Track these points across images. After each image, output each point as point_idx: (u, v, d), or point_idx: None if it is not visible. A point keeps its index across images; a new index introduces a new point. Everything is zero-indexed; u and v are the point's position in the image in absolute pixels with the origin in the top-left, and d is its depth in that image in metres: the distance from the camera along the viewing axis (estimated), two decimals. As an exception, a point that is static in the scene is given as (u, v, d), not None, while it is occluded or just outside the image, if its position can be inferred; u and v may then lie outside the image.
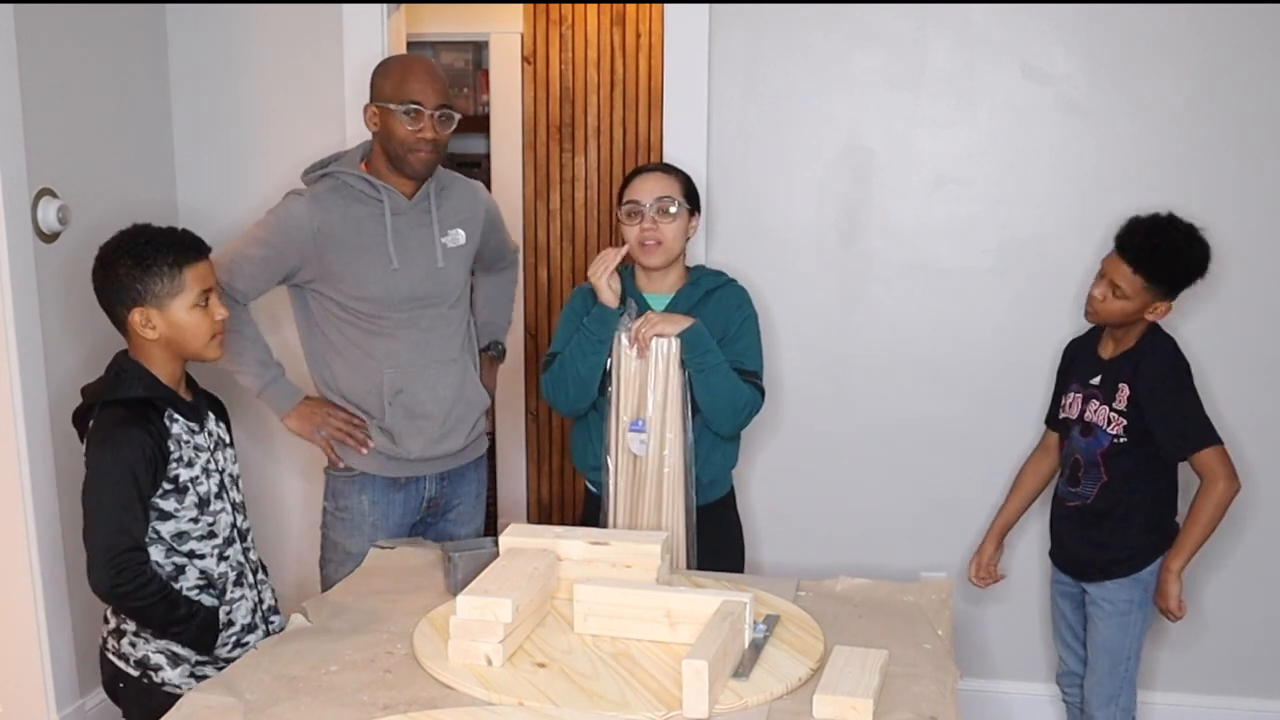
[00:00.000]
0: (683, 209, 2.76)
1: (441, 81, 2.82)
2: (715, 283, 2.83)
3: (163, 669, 2.42)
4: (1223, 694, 3.42)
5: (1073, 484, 2.93)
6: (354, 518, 2.93)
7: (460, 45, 5.05)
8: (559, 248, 4.88)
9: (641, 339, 2.69)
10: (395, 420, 2.87)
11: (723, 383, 2.69)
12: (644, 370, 2.71)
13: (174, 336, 2.39)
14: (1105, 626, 2.90)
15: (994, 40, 3.26)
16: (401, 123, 2.75)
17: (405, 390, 2.87)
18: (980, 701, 3.44)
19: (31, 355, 3.04)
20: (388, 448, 2.89)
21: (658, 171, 2.82)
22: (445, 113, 2.78)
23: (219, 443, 2.54)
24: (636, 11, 4.65)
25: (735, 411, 2.72)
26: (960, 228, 3.35)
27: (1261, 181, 3.19)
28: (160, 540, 2.39)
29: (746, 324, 2.80)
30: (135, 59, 3.50)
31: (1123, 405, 2.79)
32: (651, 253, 2.74)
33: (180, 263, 2.39)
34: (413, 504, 2.96)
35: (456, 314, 2.95)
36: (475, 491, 3.09)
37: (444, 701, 1.95)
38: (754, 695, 1.94)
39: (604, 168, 4.79)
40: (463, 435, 2.96)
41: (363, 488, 2.92)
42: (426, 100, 2.75)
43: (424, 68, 2.82)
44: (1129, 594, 2.87)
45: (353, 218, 2.82)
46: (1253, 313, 3.24)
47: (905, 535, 3.51)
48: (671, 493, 2.72)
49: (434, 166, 2.84)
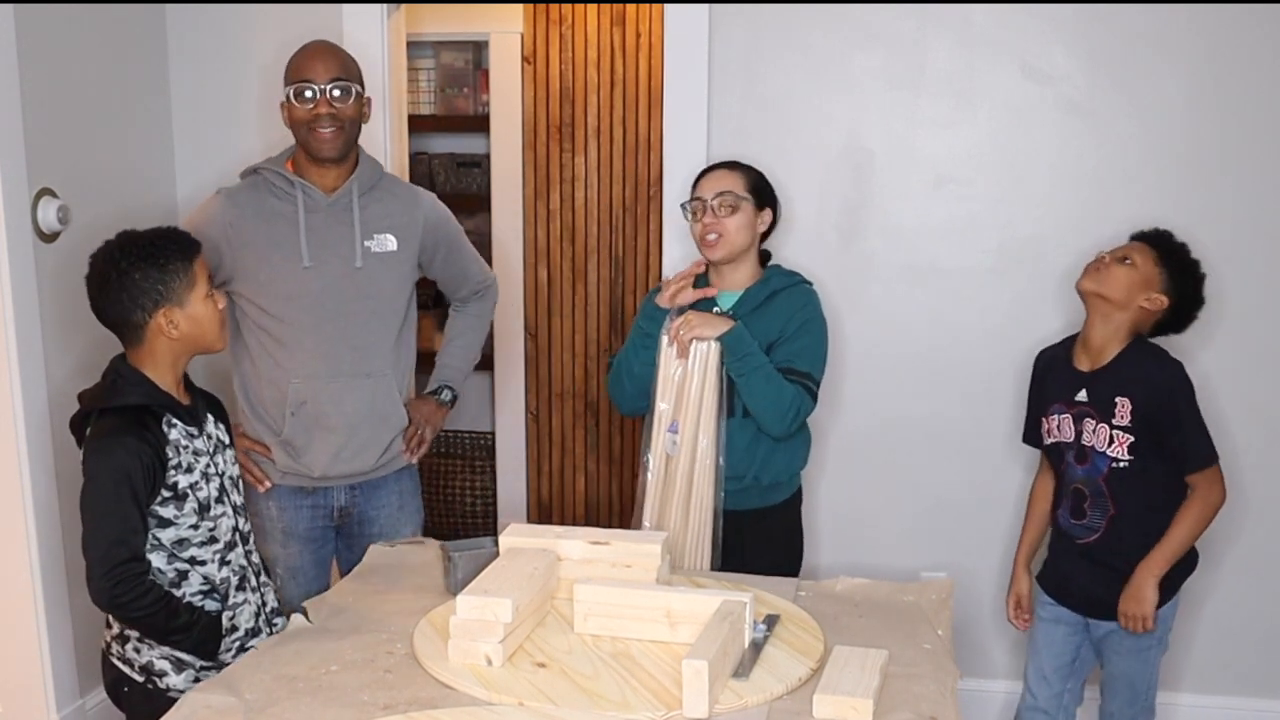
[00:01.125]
0: (747, 203, 2.78)
1: (336, 57, 2.77)
2: (784, 283, 2.83)
3: (167, 674, 2.41)
4: (1222, 694, 3.42)
5: (1077, 516, 2.76)
6: (264, 523, 2.91)
7: (460, 45, 5.04)
8: (558, 248, 4.88)
9: (680, 340, 2.70)
10: (296, 433, 2.82)
11: (764, 385, 2.68)
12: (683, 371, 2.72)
13: (193, 332, 2.39)
14: (1122, 661, 2.79)
15: (994, 40, 3.26)
16: (296, 105, 2.72)
17: (309, 402, 2.80)
18: (980, 702, 3.44)
19: (31, 355, 3.04)
20: (288, 465, 2.85)
21: (723, 168, 2.85)
22: (340, 84, 2.73)
23: (218, 445, 2.52)
24: (636, 11, 4.65)
25: (780, 413, 2.70)
26: (960, 228, 3.35)
27: (1262, 182, 3.19)
28: (161, 547, 2.38)
29: (806, 326, 2.78)
30: (135, 59, 3.50)
31: (1125, 420, 2.65)
32: (713, 246, 2.78)
33: (189, 256, 2.40)
34: (321, 512, 2.93)
35: (379, 326, 2.85)
36: (397, 503, 3.00)
37: (444, 701, 1.95)
38: (754, 695, 1.94)
39: (604, 168, 4.79)
40: (373, 456, 2.89)
41: (269, 495, 2.90)
42: (316, 75, 2.71)
43: (316, 46, 2.79)
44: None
45: (266, 214, 2.78)
46: (1252, 312, 3.24)
47: (905, 535, 3.51)
48: (700, 494, 2.72)
49: (341, 146, 2.76)
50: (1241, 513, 3.30)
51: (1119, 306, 2.67)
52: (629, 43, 4.68)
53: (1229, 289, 3.21)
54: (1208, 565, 3.29)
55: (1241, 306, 3.23)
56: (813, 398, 2.76)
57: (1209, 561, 3.29)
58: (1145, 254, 2.67)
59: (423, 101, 5.15)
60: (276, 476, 2.88)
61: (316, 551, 2.97)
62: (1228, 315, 3.22)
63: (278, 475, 2.88)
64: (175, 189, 3.68)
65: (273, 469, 2.88)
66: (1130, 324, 2.68)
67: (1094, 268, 2.70)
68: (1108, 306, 2.68)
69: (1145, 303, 2.66)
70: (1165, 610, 2.72)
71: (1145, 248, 2.69)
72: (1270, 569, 3.35)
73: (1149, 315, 2.68)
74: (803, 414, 2.74)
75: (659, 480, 2.76)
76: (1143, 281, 2.65)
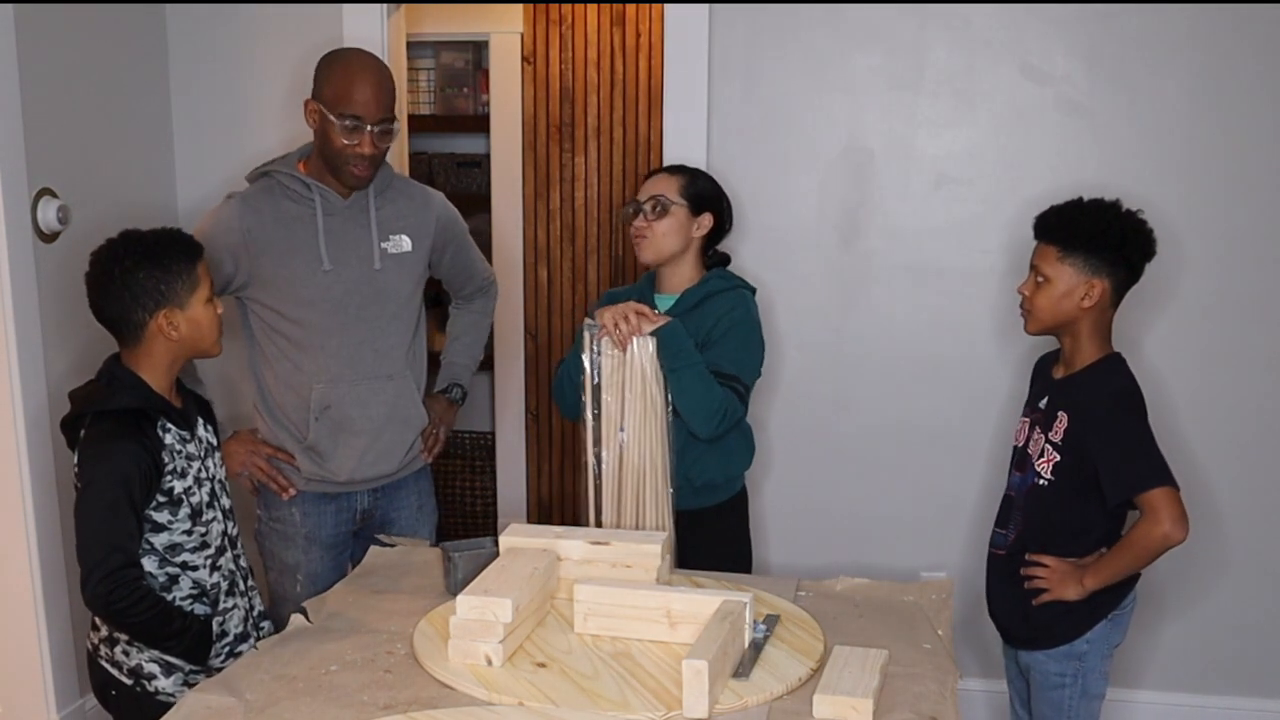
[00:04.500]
0: (679, 208, 2.77)
1: (386, 92, 2.68)
2: (719, 286, 2.82)
3: (156, 677, 2.40)
4: (1218, 694, 3.42)
5: (1000, 524, 2.63)
6: (287, 529, 2.89)
7: (460, 45, 5.05)
8: (559, 248, 4.88)
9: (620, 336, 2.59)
10: (320, 439, 2.80)
11: (694, 383, 2.64)
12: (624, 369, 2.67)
13: (192, 335, 2.38)
14: (1039, 701, 2.58)
15: (994, 40, 3.26)
16: (339, 134, 2.64)
17: (334, 406, 2.79)
18: (980, 702, 3.44)
19: (31, 355, 3.04)
20: (312, 471, 2.83)
21: (663, 173, 2.87)
22: (385, 127, 2.67)
23: (208, 449, 2.51)
24: (636, 11, 4.65)
25: (708, 414, 2.66)
26: (960, 228, 3.35)
27: (1261, 182, 3.19)
28: (153, 551, 2.37)
29: (734, 329, 2.74)
30: (135, 59, 3.50)
31: (1058, 437, 2.47)
32: (640, 249, 2.81)
33: (193, 258, 2.39)
34: (345, 516, 2.91)
35: (398, 327, 2.84)
36: (416, 504, 3.00)
37: (444, 701, 1.95)
38: (754, 695, 1.94)
39: (604, 168, 4.79)
40: (397, 458, 2.89)
41: (294, 500, 2.87)
42: (368, 114, 2.64)
43: (370, 77, 2.67)
44: (1060, 668, 2.52)
45: (284, 218, 2.74)
46: (1250, 312, 3.24)
47: (905, 535, 3.51)
48: (654, 492, 2.70)
49: (369, 180, 2.74)
50: (1239, 514, 3.31)
51: (1068, 322, 2.48)
52: (629, 43, 4.68)
53: (1228, 290, 3.22)
54: (1206, 566, 3.31)
55: (1242, 308, 3.23)
56: (741, 401, 2.73)
57: (1207, 562, 3.31)
58: (1048, 257, 2.46)
59: (423, 101, 5.16)
60: (301, 483, 2.86)
61: (337, 557, 2.95)
62: (1227, 317, 3.22)
63: (302, 482, 2.86)
64: (175, 189, 3.68)
65: (297, 476, 2.85)
66: (1092, 325, 2.48)
67: (1024, 314, 2.54)
68: (1059, 328, 2.51)
69: (1085, 302, 2.44)
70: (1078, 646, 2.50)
71: (1047, 250, 2.47)
72: (1267, 568, 3.35)
73: (1100, 305, 2.46)
74: (731, 417, 2.70)
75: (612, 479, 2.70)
76: (1065, 289, 2.45)
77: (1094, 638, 2.51)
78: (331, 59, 2.73)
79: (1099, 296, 2.45)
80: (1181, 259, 3.19)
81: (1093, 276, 2.44)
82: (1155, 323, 3.23)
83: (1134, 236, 2.46)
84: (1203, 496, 3.30)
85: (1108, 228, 2.45)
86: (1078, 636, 2.50)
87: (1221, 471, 3.30)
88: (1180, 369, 3.24)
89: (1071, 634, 2.51)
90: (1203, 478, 3.28)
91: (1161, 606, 3.34)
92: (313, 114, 2.70)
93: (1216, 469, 3.30)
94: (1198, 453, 3.28)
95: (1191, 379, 3.27)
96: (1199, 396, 3.28)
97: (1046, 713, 2.57)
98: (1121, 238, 2.45)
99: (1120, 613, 2.54)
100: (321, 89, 2.69)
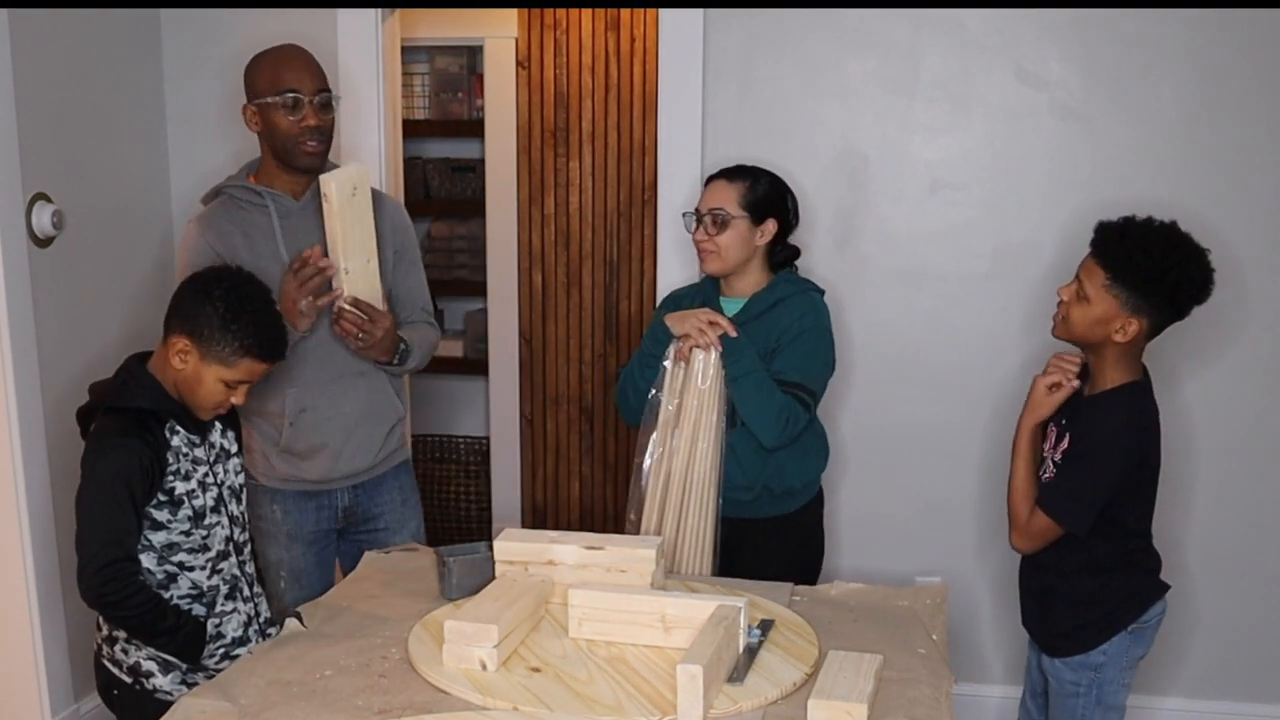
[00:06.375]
0: (740, 220, 2.77)
1: (316, 66, 2.78)
2: (788, 291, 2.82)
3: (154, 676, 2.42)
4: (1218, 699, 3.42)
5: None
6: (269, 527, 2.91)
7: (455, 50, 5.04)
8: (553, 252, 4.87)
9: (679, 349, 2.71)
10: (295, 440, 2.83)
11: (754, 393, 2.68)
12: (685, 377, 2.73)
13: (190, 381, 2.39)
14: (1055, 707, 2.57)
15: (988, 45, 3.26)
16: (282, 115, 2.70)
17: (309, 409, 2.81)
18: (975, 707, 3.43)
19: (26, 360, 3.03)
20: (289, 472, 2.86)
21: (722, 179, 2.83)
22: (324, 96, 2.74)
23: (221, 454, 2.53)
24: (631, 16, 4.65)
25: (769, 422, 2.69)
26: (955, 233, 3.36)
27: (1257, 186, 3.20)
28: (151, 548, 2.40)
29: (802, 336, 2.76)
30: (130, 63, 3.50)
31: (1058, 456, 2.50)
32: (706, 261, 2.80)
33: (247, 354, 2.38)
34: (326, 514, 2.93)
35: None
36: (399, 498, 3.01)
37: (438, 706, 1.95)
38: (748, 700, 1.94)
39: (599, 172, 4.79)
40: (372, 453, 2.91)
41: (273, 498, 2.89)
42: (304, 86, 2.71)
43: (296, 54, 2.78)
44: (1074, 676, 2.51)
45: (242, 227, 2.78)
46: (1251, 316, 3.24)
47: (900, 540, 3.51)
48: (699, 502, 2.72)
49: (324, 157, 2.78)
50: (1236, 513, 3.31)
51: (1097, 345, 2.44)
52: (624, 47, 4.68)
53: (1223, 295, 3.21)
54: (1205, 566, 3.32)
55: (1240, 309, 3.23)
56: (806, 408, 2.74)
57: (1207, 562, 3.31)
58: (1095, 278, 2.38)
59: (417, 106, 5.15)
60: (277, 483, 2.88)
61: (320, 554, 2.97)
62: (1226, 318, 3.23)
63: (278, 482, 2.88)
64: (170, 194, 3.67)
65: (273, 476, 2.88)
66: (1120, 353, 2.42)
67: (1056, 318, 2.50)
68: (1086, 346, 2.48)
69: (1118, 336, 2.38)
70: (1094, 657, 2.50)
71: (1095, 270, 2.39)
72: (1267, 572, 3.35)
73: (1133, 341, 2.40)
74: (794, 424, 2.71)
75: (658, 484, 2.75)
76: (1102, 316, 2.38)
77: (1112, 650, 2.49)
78: (257, 57, 2.81)
79: (1134, 334, 2.38)
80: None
81: (1133, 315, 2.36)
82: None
83: (1188, 285, 2.36)
84: (1229, 500, 3.30)
85: (1164, 272, 2.34)
86: (1094, 647, 2.49)
87: (1234, 477, 3.31)
88: (1179, 371, 3.25)
89: (1088, 644, 2.50)
90: (1218, 484, 3.30)
91: (1187, 614, 3.33)
92: (253, 116, 2.77)
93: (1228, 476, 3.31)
94: (1209, 460, 3.30)
95: (1192, 384, 3.27)
96: (1199, 399, 3.28)
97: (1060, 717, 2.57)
98: (1175, 286, 2.35)
99: (1143, 626, 2.51)
100: (254, 84, 2.76)
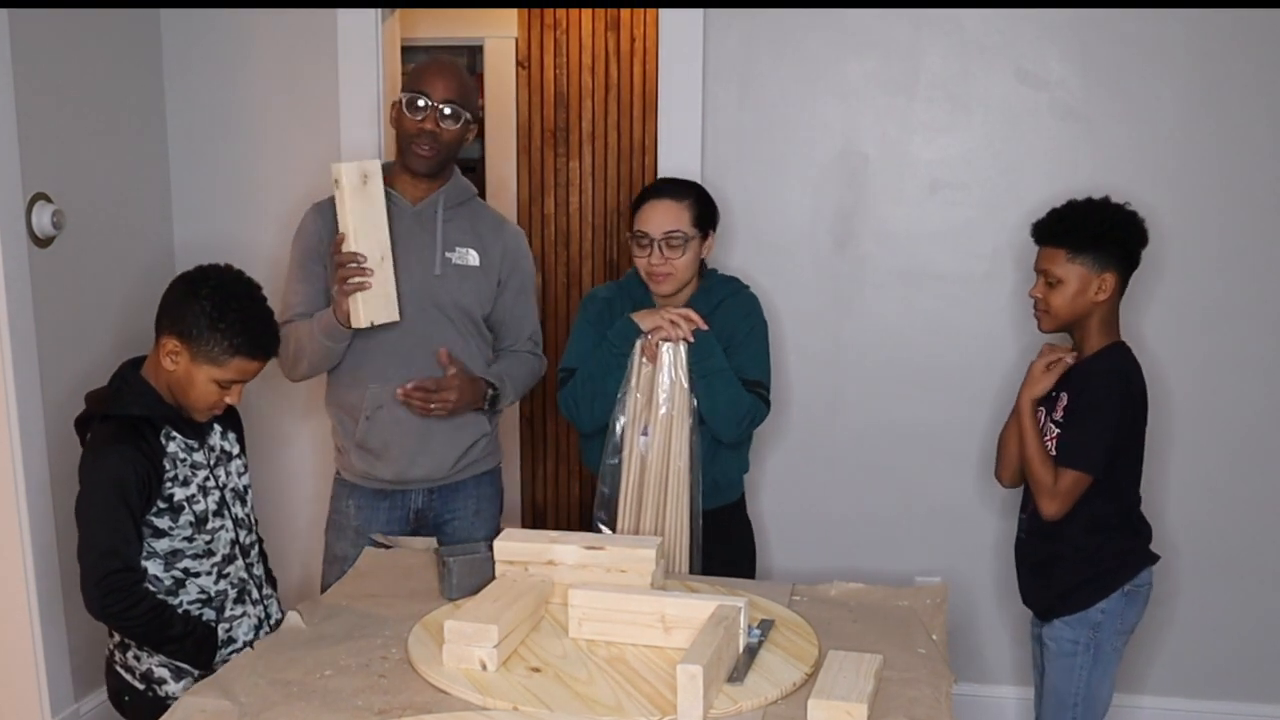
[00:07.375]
0: (693, 239, 2.76)
1: (457, 81, 2.78)
2: (726, 291, 2.84)
3: (167, 682, 2.42)
4: (1213, 699, 3.42)
5: (1022, 509, 2.77)
6: (342, 521, 2.94)
7: (455, 50, 5.04)
8: (554, 252, 4.88)
9: (648, 344, 2.69)
10: (370, 436, 2.85)
11: (724, 390, 2.69)
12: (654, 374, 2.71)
13: (182, 382, 2.39)
14: (1051, 669, 2.70)
15: (988, 45, 3.26)
16: (406, 113, 2.75)
17: (385, 406, 2.83)
18: (975, 707, 3.44)
19: (26, 360, 3.03)
20: (362, 469, 2.89)
21: (667, 199, 2.77)
22: (452, 107, 2.75)
23: (222, 457, 2.52)
24: (631, 16, 4.66)
25: (737, 419, 2.72)
26: (955, 233, 3.36)
27: (1255, 187, 3.20)
28: (157, 555, 2.39)
29: (753, 333, 2.80)
30: (130, 64, 3.50)
31: (1059, 415, 2.62)
32: (661, 283, 2.76)
33: (237, 353, 2.37)
34: (398, 514, 2.93)
35: (454, 333, 2.86)
36: (474, 508, 3.00)
37: (438, 706, 1.94)
38: (748, 700, 1.94)
39: (599, 172, 4.80)
40: (448, 462, 2.91)
41: (350, 493, 2.93)
42: (434, 91, 2.74)
43: (442, 64, 2.81)
44: (1074, 634, 2.65)
45: None
46: (1246, 315, 3.24)
47: (900, 540, 3.51)
48: (676, 497, 2.72)
49: (435, 165, 2.80)
50: (1234, 513, 3.31)
51: (1083, 317, 2.62)
52: (624, 48, 4.68)
53: (1226, 292, 3.22)
54: (1203, 567, 3.32)
55: (1236, 312, 3.23)
56: (766, 405, 2.78)
57: (1205, 563, 3.31)
58: (1057, 260, 2.59)
59: (418, 106, 5.15)
60: (355, 479, 2.92)
61: None
62: (1222, 321, 3.23)
63: (355, 478, 2.91)
64: (170, 194, 3.67)
65: (352, 471, 2.92)
66: (1102, 317, 2.62)
67: (1040, 317, 2.66)
68: (1074, 324, 2.64)
69: (1099, 295, 2.59)
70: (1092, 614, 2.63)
71: (1054, 253, 2.60)
72: (1264, 571, 3.35)
73: (1111, 296, 2.60)
74: (756, 421, 2.77)
75: (633, 484, 2.75)
76: (1079, 286, 2.58)
77: (1109, 609, 2.63)
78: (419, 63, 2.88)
79: (1111, 288, 2.59)
80: (1175, 264, 3.20)
81: (1102, 271, 2.58)
82: (1151, 327, 3.23)
83: (1130, 228, 2.63)
84: (1205, 498, 3.31)
85: (1109, 224, 2.61)
86: (1092, 604, 2.62)
87: (1222, 474, 3.31)
88: (1178, 372, 3.25)
89: (1087, 602, 2.63)
90: (1204, 480, 3.30)
91: (1163, 610, 3.33)
92: (391, 109, 2.82)
93: (1216, 472, 3.31)
94: (1197, 455, 3.30)
95: (1189, 382, 3.27)
96: (1197, 400, 3.28)
97: (1058, 682, 2.68)
98: (1124, 231, 2.62)
99: (1135, 588, 2.66)
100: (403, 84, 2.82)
